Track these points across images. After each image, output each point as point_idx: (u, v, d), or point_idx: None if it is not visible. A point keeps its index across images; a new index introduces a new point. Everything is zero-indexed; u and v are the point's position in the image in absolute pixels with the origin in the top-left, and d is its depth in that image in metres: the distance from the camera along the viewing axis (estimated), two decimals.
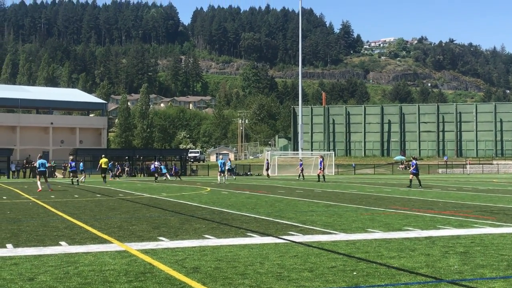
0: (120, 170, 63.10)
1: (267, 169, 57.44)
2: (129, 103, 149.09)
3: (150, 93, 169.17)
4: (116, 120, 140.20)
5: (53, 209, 17.87)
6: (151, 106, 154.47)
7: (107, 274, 7.62)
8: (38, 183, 30.06)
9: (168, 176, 52.17)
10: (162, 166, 53.49)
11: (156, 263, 8.37)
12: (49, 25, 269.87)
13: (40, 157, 31.48)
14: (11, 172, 62.06)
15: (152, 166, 50.99)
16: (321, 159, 44.17)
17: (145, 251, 9.39)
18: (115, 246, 10.00)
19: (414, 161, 32.89)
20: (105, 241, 10.56)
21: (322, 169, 43.66)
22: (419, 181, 32.25)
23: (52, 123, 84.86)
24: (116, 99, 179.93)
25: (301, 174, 49.34)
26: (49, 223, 13.85)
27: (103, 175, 43.37)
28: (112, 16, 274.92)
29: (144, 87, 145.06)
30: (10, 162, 63.47)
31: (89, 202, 21.40)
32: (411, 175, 32.63)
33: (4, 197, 24.41)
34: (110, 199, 23.18)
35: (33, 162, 66.34)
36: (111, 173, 57.44)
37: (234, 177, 52.74)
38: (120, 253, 9.24)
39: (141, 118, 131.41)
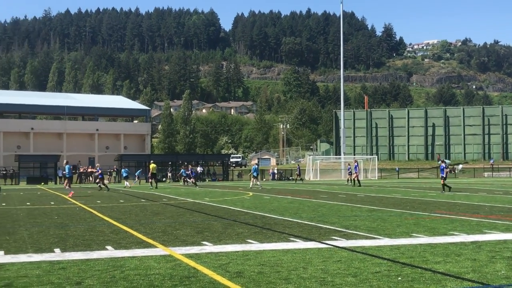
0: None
1: (298, 175, 58.10)
2: (171, 109, 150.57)
3: (192, 99, 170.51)
4: (159, 126, 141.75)
5: (99, 214, 18.17)
6: (193, 112, 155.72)
7: (152, 278, 7.72)
8: (67, 187, 30.67)
9: (188, 181, 50.33)
10: (183, 171, 52.95)
11: (200, 267, 8.44)
12: (94, 33, 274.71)
13: (67, 163, 32.23)
14: (58, 178, 63.23)
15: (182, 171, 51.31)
16: (355, 164, 43.98)
17: (189, 256, 9.48)
18: (160, 250, 10.12)
19: (442, 165, 32.26)
20: (150, 246, 10.69)
21: (357, 173, 43.54)
22: (444, 186, 31.18)
23: (97, 130, 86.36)
24: (159, 105, 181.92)
25: (350, 179, 48.67)
26: (96, 228, 14.09)
27: (151, 180, 43.86)
28: (155, 23, 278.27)
29: (187, 93, 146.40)
30: (57, 168, 64.71)
31: (134, 207, 21.69)
32: (442, 180, 31.79)
33: (52, 203, 24.91)
34: (154, 204, 23.44)
35: (80, 168, 67.58)
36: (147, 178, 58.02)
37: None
38: (164, 257, 9.35)
39: (183, 124, 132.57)
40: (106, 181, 47.84)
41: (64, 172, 33.55)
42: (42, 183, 59.20)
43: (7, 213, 19.30)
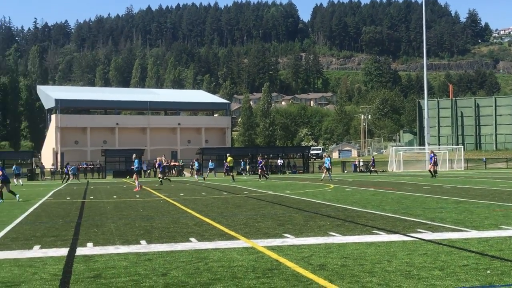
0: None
1: (373, 166, 58.63)
2: (251, 102, 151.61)
3: (272, 92, 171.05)
4: (239, 119, 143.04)
5: (182, 207, 18.50)
6: (272, 104, 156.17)
7: (235, 270, 7.77)
8: (137, 182, 31.31)
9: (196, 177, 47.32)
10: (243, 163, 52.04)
11: (282, 259, 8.43)
12: (174, 29, 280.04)
13: (135, 158, 32.98)
14: (143, 172, 64.90)
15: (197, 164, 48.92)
16: (431, 154, 42.92)
17: (271, 248, 9.48)
18: (242, 242, 10.18)
19: (431, 154, 31.16)
20: (232, 238, 10.78)
21: (432, 164, 42.39)
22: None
23: (179, 124, 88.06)
24: (239, 98, 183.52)
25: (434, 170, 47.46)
26: (179, 220, 14.35)
27: (231, 173, 44.36)
28: (234, 17, 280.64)
29: (266, 86, 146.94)
30: (141, 162, 66.38)
31: (216, 199, 21.96)
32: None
33: (137, 196, 25.58)
34: (235, 196, 23.65)
35: (163, 162, 69.13)
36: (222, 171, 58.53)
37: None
38: (247, 250, 9.40)
39: (263, 116, 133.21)
40: (188, 174, 48.75)
41: (132, 167, 34.19)
42: (128, 177, 60.92)
43: (95, 206, 19.97)
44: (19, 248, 10.01)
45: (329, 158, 41.73)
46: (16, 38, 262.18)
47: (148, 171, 65.18)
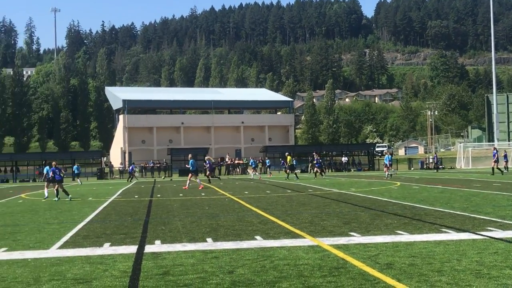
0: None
1: (435, 163, 57.86)
2: (314, 100, 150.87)
3: (335, 89, 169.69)
4: (303, 117, 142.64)
5: (247, 205, 18.61)
6: (336, 101, 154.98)
7: (301, 268, 7.76)
8: (188, 181, 31.66)
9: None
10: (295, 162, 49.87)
11: (348, 258, 8.37)
12: (237, 29, 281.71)
13: (191, 158, 33.37)
14: (207, 170, 65.50)
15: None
16: (494, 151, 41.59)
17: (337, 246, 9.43)
18: (308, 241, 10.16)
19: (494, 151, 29.80)
20: (297, 236, 10.77)
21: (496, 161, 40.97)
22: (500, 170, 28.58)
23: (243, 122, 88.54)
24: (302, 96, 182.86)
25: (506, 166, 46.15)
26: (244, 218, 14.43)
27: (292, 172, 44.21)
28: (296, 15, 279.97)
29: (329, 83, 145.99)
30: (205, 161, 67.06)
31: (280, 197, 21.98)
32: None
33: (203, 194, 25.89)
34: (300, 194, 23.61)
35: (226, 161, 69.75)
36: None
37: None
38: (312, 248, 9.37)
39: (326, 114, 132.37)
40: (252, 172, 48.99)
41: (187, 166, 34.52)
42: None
43: (162, 204, 20.33)
44: (90, 246, 10.30)
45: (389, 156, 40.90)
46: (85, 41, 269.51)
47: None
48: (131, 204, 20.57)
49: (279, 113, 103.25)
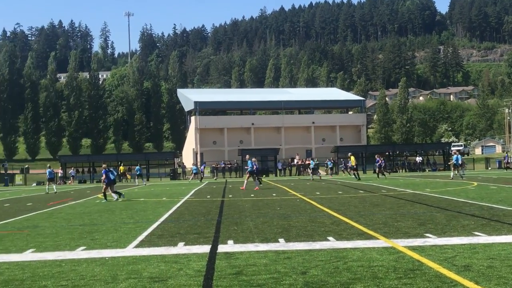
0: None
1: (507, 163, 54.53)
2: (387, 98, 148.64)
3: (408, 87, 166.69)
4: (375, 116, 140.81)
5: (319, 205, 18.50)
6: (409, 100, 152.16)
7: (375, 270, 7.64)
8: (245, 181, 31.70)
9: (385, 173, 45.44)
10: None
11: (424, 260, 8.18)
12: (307, 28, 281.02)
13: (249, 158, 33.42)
14: (278, 171, 65.79)
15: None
16: None
17: (412, 248, 9.23)
18: (382, 242, 9.99)
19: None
20: (371, 237, 10.61)
21: None
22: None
23: (313, 122, 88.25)
24: (374, 95, 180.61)
25: None
26: (316, 218, 14.35)
27: (354, 172, 43.68)
28: (367, 12, 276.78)
29: (403, 81, 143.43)
30: (277, 161, 67.36)
31: (352, 198, 21.75)
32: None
33: (274, 194, 25.92)
34: (373, 195, 23.29)
35: (297, 161, 69.63)
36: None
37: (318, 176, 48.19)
38: (387, 249, 9.21)
39: (400, 112, 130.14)
40: (323, 173, 48.80)
41: (246, 167, 34.78)
42: (263, 176, 61.95)
43: (234, 204, 20.48)
44: (165, 245, 10.48)
45: (458, 156, 39.50)
46: (157, 44, 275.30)
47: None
48: (203, 204, 20.83)
49: (350, 112, 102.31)
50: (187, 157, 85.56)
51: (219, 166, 69.21)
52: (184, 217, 16.00)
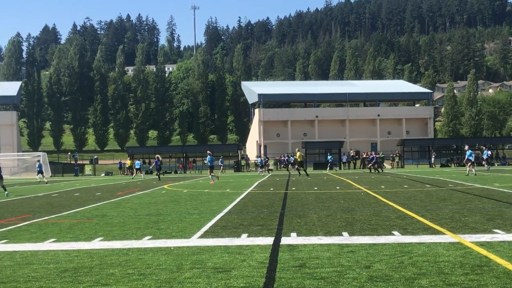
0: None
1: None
2: (455, 91, 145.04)
3: (478, 79, 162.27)
4: (442, 109, 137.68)
5: (383, 199, 18.28)
6: (479, 92, 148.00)
7: (441, 265, 7.49)
8: (210, 176, 32.19)
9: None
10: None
11: (492, 256, 7.97)
12: (373, 19, 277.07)
13: (209, 154, 34.21)
14: (342, 164, 65.36)
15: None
16: None
17: (480, 244, 9.00)
18: (448, 237, 9.79)
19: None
20: (437, 232, 10.41)
21: None
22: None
23: (379, 115, 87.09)
24: (442, 87, 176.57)
25: None
26: (381, 212, 14.18)
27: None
28: (435, 3, 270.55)
29: (472, 73, 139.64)
30: (341, 154, 66.92)
31: (418, 192, 21.38)
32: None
33: (338, 187, 25.76)
34: (439, 189, 22.83)
35: (362, 154, 68.95)
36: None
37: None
38: (453, 245, 9.02)
39: (468, 105, 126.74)
40: (388, 166, 48.19)
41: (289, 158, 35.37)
42: (327, 169, 61.61)
43: (297, 197, 20.47)
44: (229, 236, 10.58)
45: (487, 151, 37.51)
46: (222, 37, 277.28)
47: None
48: (266, 196, 20.91)
49: (417, 105, 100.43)
50: (251, 150, 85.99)
51: (282, 158, 69.27)
52: (247, 209, 16.10)
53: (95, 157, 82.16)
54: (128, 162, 59.13)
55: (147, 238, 10.66)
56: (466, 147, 39.74)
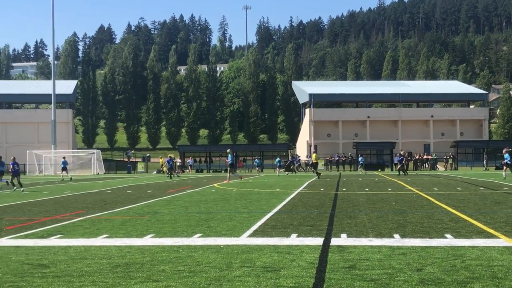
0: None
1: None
2: (511, 92, 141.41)
3: None
4: (498, 110, 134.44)
5: (436, 202, 17.97)
6: None
7: (495, 269, 7.33)
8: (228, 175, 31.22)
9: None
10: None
11: None
12: (427, 19, 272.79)
13: (229, 152, 36.20)
14: (394, 165, 64.52)
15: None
16: None
17: None
18: (502, 241, 9.57)
19: None
20: (491, 236, 10.19)
21: None
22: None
23: (432, 116, 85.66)
24: (497, 88, 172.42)
25: None
26: (433, 215, 13.95)
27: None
28: (491, 3, 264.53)
29: None
30: (393, 155, 66.11)
31: (472, 195, 20.94)
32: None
33: (389, 189, 25.47)
34: (494, 192, 22.32)
35: (415, 155, 67.96)
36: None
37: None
38: (508, 249, 8.81)
39: None
40: (441, 168, 47.40)
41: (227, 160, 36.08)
42: (379, 170, 61.03)
43: (348, 198, 20.33)
44: (278, 236, 10.58)
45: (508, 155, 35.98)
46: (274, 37, 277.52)
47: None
48: (317, 197, 20.83)
49: (472, 106, 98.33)
50: (301, 149, 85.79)
51: (333, 159, 68.89)
52: (297, 209, 16.08)
53: (148, 155, 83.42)
54: (160, 160, 59.52)
55: (197, 235, 10.77)
56: (504, 150, 38.41)
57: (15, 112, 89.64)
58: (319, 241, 9.86)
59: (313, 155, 44.53)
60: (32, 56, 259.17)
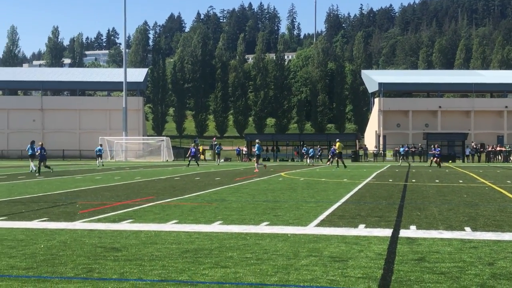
0: None
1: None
2: None
3: None
4: None
5: (509, 195, 17.45)
6: None
7: None
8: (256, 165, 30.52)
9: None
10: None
11: None
12: (503, 6, 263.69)
13: (258, 143, 36.46)
14: (465, 157, 63.03)
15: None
16: None
17: None
18: None
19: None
20: None
21: None
22: None
23: (506, 107, 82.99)
24: None
25: None
26: (507, 208, 13.56)
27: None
28: None
29: None
30: (465, 146, 64.52)
31: None
32: None
33: (460, 181, 24.88)
34: None
35: (487, 147, 66.07)
36: None
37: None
38: None
39: None
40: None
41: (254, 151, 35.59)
42: (450, 161, 59.69)
43: (418, 189, 19.99)
44: (345, 226, 10.52)
45: None
46: (343, 25, 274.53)
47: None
48: (385, 188, 20.58)
49: None
50: (370, 140, 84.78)
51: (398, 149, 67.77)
52: (365, 199, 15.94)
53: (215, 142, 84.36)
54: (200, 148, 59.57)
55: (264, 224, 10.83)
56: None
57: (88, 99, 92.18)
58: (387, 232, 9.74)
59: (337, 144, 42.97)
60: (104, 44, 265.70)
